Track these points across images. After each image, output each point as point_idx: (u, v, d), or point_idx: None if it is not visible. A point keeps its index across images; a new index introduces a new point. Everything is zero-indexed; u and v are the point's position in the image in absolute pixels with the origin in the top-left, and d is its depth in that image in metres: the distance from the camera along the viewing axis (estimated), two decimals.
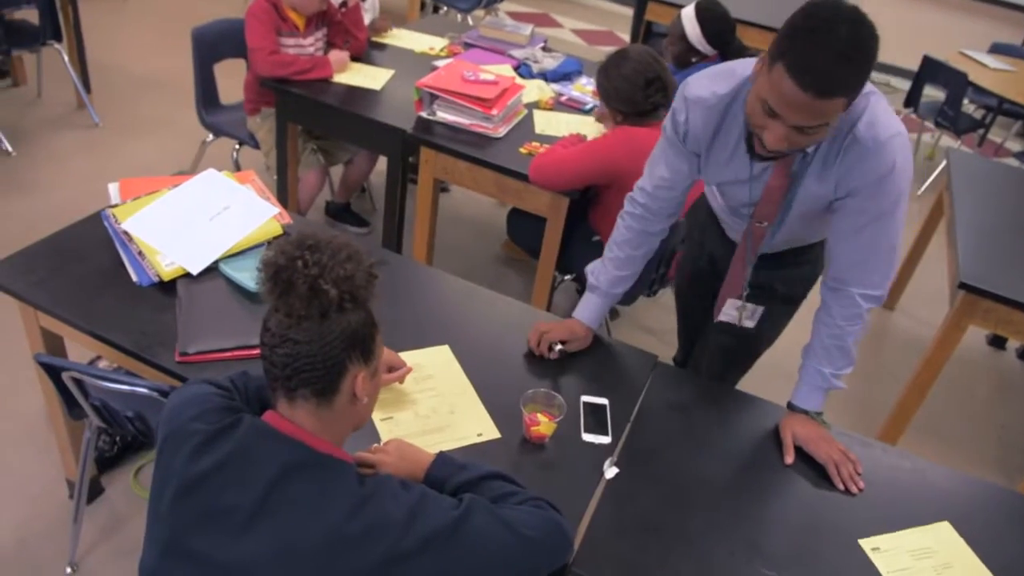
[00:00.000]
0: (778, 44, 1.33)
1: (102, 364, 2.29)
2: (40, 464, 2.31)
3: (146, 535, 1.11)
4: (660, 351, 1.97)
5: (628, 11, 6.00)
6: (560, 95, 3.17)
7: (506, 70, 3.18)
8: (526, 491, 1.26)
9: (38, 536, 2.13)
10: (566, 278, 2.90)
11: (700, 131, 1.62)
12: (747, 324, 1.89)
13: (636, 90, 2.42)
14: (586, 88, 3.24)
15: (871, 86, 1.48)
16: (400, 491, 1.09)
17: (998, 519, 1.60)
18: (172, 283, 1.80)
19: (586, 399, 1.71)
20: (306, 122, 3.13)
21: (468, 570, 1.09)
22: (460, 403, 1.65)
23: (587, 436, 1.62)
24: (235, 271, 1.84)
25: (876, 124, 1.46)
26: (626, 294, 1.93)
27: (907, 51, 5.50)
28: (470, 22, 5.22)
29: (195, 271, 1.83)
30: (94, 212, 1.98)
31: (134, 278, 1.81)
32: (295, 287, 1.04)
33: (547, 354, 1.79)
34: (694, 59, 3.06)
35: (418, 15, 5.54)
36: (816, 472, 1.63)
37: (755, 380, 2.20)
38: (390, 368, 1.61)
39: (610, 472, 1.55)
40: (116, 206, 1.93)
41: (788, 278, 1.95)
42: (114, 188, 2.02)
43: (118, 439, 2.33)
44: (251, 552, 1.02)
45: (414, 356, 1.73)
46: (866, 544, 1.49)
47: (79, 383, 1.66)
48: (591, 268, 1.90)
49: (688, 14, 3.01)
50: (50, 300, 1.74)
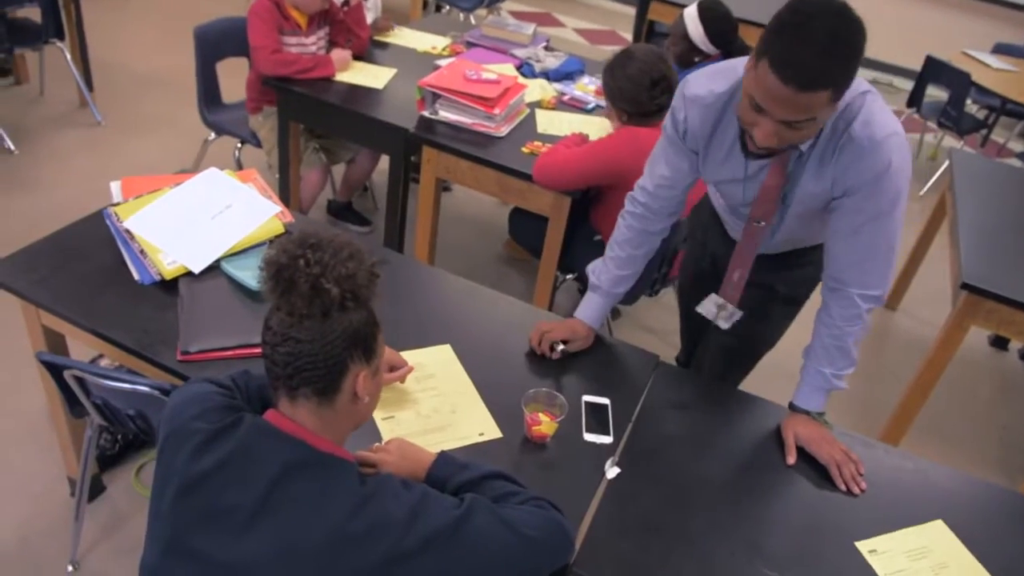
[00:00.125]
0: (764, 40, 1.33)
1: (104, 362, 2.29)
2: (42, 462, 2.31)
3: (147, 533, 1.11)
4: (662, 351, 1.97)
5: (631, 10, 5.99)
6: (562, 94, 3.16)
7: (508, 69, 3.18)
8: (527, 491, 1.26)
9: (40, 534, 2.14)
10: (568, 277, 2.90)
11: (698, 129, 1.62)
12: (721, 324, 1.87)
13: (641, 90, 2.42)
14: (588, 87, 3.24)
15: (868, 85, 1.48)
16: (401, 490, 1.09)
17: (999, 520, 1.60)
18: (174, 282, 1.80)
19: (588, 399, 1.71)
20: (308, 121, 3.13)
21: (469, 570, 1.09)
22: (461, 402, 1.65)
23: (588, 436, 1.62)
24: (237, 270, 1.84)
25: (872, 123, 1.46)
26: (628, 293, 1.93)
27: (910, 51, 5.50)
28: (472, 21, 5.22)
29: (197, 270, 1.83)
30: (96, 210, 1.98)
31: (136, 276, 1.81)
32: (297, 286, 1.04)
33: (549, 354, 1.79)
34: (696, 59, 3.05)
35: (420, 14, 5.53)
36: (818, 473, 1.63)
37: (757, 380, 2.20)
38: (391, 367, 1.61)
39: (611, 472, 1.55)
40: (118, 204, 1.93)
41: (790, 279, 1.95)
42: (116, 186, 2.02)
43: (119, 437, 2.34)
44: (252, 551, 1.02)
45: (416, 355, 1.73)
46: (862, 547, 1.48)
47: (81, 381, 1.66)
48: (592, 267, 1.90)
49: (690, 13, 3.00)
50: (52, 298, 1.74)
